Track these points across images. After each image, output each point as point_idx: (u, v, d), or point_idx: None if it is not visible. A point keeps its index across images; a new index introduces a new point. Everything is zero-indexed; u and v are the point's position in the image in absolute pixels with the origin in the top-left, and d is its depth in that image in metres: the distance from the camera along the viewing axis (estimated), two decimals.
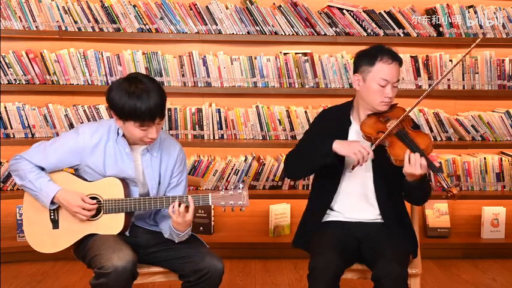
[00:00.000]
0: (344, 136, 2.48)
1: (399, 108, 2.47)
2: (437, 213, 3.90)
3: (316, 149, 2.37)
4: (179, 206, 2.23)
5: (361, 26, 3.65)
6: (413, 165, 2.20)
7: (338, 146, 2.31)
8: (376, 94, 2.37)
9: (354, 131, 2.49)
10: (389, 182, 2.43)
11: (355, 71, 2.45)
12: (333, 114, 2.60)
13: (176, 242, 2.35)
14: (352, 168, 2.34)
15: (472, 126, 3.72)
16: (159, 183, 2.42)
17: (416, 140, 2.29)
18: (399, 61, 2.41)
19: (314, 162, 2.38)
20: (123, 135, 2.35)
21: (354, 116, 2.53)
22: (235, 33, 3.63)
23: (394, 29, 3.66)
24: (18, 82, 3.63)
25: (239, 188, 2.27)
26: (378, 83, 2.36)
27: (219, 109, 3.70)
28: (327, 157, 2.33)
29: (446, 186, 2.20)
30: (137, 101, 2.16)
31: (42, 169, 2.35)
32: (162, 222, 2.44)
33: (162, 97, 2.23)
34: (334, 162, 2.35)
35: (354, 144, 2.30)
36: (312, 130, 2.61)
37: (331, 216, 2.53)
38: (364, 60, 2.41)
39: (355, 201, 2.48)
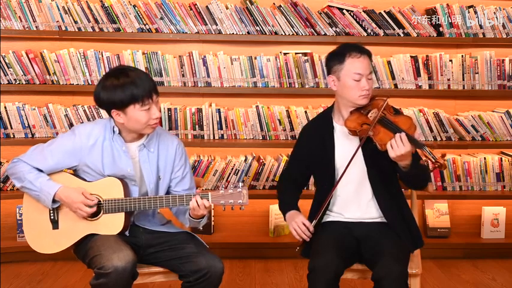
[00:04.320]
0: (330, 142, 2.50)
1: (379, 99, 2.50)
2: (437, 213, 3.90)
3: (282, 209, 2.57)
4: (197, 202, 2.27)
5: (361, 26, 3.65)
6: (395, 146, 2.23)
7: (287, 218, 2.49)
8: (353, 89, 2.41)
9: (339, 133, 2.51)
10: (385, 175, 2.45)
11: (328, 73, 2.49)
12: (314, 126, 2.62)
13: (199, 227, 2.45)
14: (300, 246, 2.44)
15: (472, 126, 3.72)
16: (159, 179, 2.42)
17: (397, 123, 2.34)
18: (368, 54, 2.45)
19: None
20: (119, 133, 2.35)
21: (336, 119, 2.54)
22: (235, 33, 3.63)
23: (394, 29, 3.66)
24: (18, 82, 3.63)
25: (239, 187, 2.27)
26: (352, 78, 2.40)
27: (219, 109, 3.70)
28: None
29: (433, 160, 2.22)
30: (130, 84, 2.24)
31: (40, 171, 2.36)
32: (180, 215, 2.48)
33: (148, 75, 2.36)
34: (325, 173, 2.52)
35: (294, 219, 2.42)
36: (296, 150, 2.64)
37: (331, 217, 2.53)
38: (334, 60, 2.46)
39: (353, 199, 2.49)
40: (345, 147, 2.47)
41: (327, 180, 2.48)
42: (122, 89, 2.24)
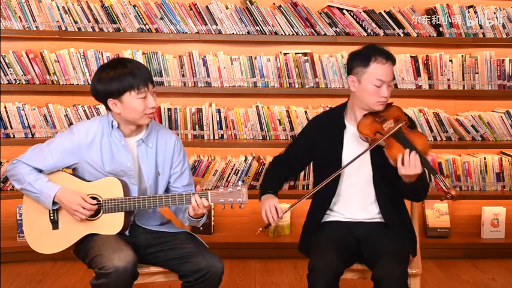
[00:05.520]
0: (339, 141, 2.48)
1: (395, 107, 2.48)
2: (437, 213, 3.90)
3: (263, 188, 2.54)
4: (196, 201, 2.26)
5: (361, 26, 3.65)
6: (407, 166, 2.21)
7: (262, 199, 2.46)
8: (372, 95, 2.38)
9: (350, 134, 2.49)
10: (389, 181, 2.42)
11: (349, 73, 2.45)
12: (325, 120, 2.60)
13: (199, 226, 2.44)
14: (265, 228, 2.41)
15: (472, 126, 3.72)
16: (159, 174, 2.43)
17: (413, 141, 2.30)
18: (393, 60, 2.41)
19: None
20: (118, 127, 2.35)
21: (348, 118, 2.52)
22: (235, 33, 3.63)
23: (394, 29, 3.66)
24: (18, 82, 3.63)
25: (238, 186, 2.27)
26: (373, 84, 2.36)
27: (219, 109, 3.70)
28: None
29: (445, 188, 2.20)
30: (126, 73, 2.27)
31: (40, 171, 2.36)
32: (179, 213, 2.48)
33: (144, 65, 2.38)
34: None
35: (265, 203, 2.40)
36: (300, 139, 2.63)
37: (331, 217, 2.53)
38: (357, 61, 2.41)
39: (355, 201, 2.48)
40: (354, 148, 2.44)
41: (329, 176, 2.45)
42: (118, 76, 2.26)
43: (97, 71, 2.35)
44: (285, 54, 3.69)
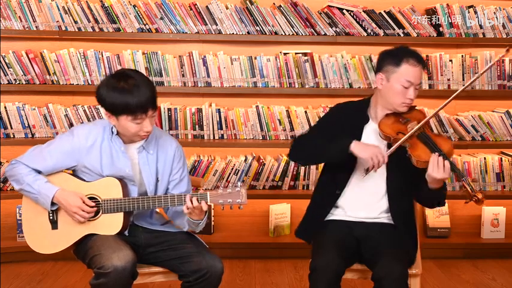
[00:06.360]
0: (359, 133, 2.48)
1: (418, 111, 2.49)
2: (437, 213, 3.89)
3: (332, 144, 2.40)
4: (192, 202, 2.24)
5: (361, 26, 3.65)
6: (440, 168, 2.20)
7: (356, 147, 2.33)
8: (399, 95, 2.38)
9: (370, 129, 2.49)
10: (403, 182, 2.43)
11: (378, 70, 2.45)
12: (349, 109, 2.59)
13: (197, 231, 2.40)
14: (366, 173, 2.35)
15: (472, 126, 3.72)
16: (158, 181, 2.42)
17: (439, 143, 2.30)
18: (423, 64, 2.42)
19: (325, 155, 2.43)
20: (118, 134, 2.35)
21: (370, 114, 2.53)
22: (235, 33, 3.63)
23: (394, 29, 3.66)
24: (18, 82, 3.64)
25: (237, 186, 2.26)
26: (402, 84, 2.37)
27: (219, 109, 3.70)
28: (340, 154, 2.35)
29: (471, 192, 2.20)
30: (128, 95, 2.19)
31: (39, 172, 2.35)
32: (177, 218, 2.45)
33: (152, 89, 2.25)
34: (344, 161, 2.38)
35: (372, 149, 2.31)
36: (325, 121, 2.61)
37: (333, 215, 2.52)
38: (389, 60, 2.41)
39: (363, 196, 2.48)
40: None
41: (342, 168, 2.45)
42: (120, 98, 2.20)
43: (105, 79, 2.30)
44: (285, 54, 3.69)
